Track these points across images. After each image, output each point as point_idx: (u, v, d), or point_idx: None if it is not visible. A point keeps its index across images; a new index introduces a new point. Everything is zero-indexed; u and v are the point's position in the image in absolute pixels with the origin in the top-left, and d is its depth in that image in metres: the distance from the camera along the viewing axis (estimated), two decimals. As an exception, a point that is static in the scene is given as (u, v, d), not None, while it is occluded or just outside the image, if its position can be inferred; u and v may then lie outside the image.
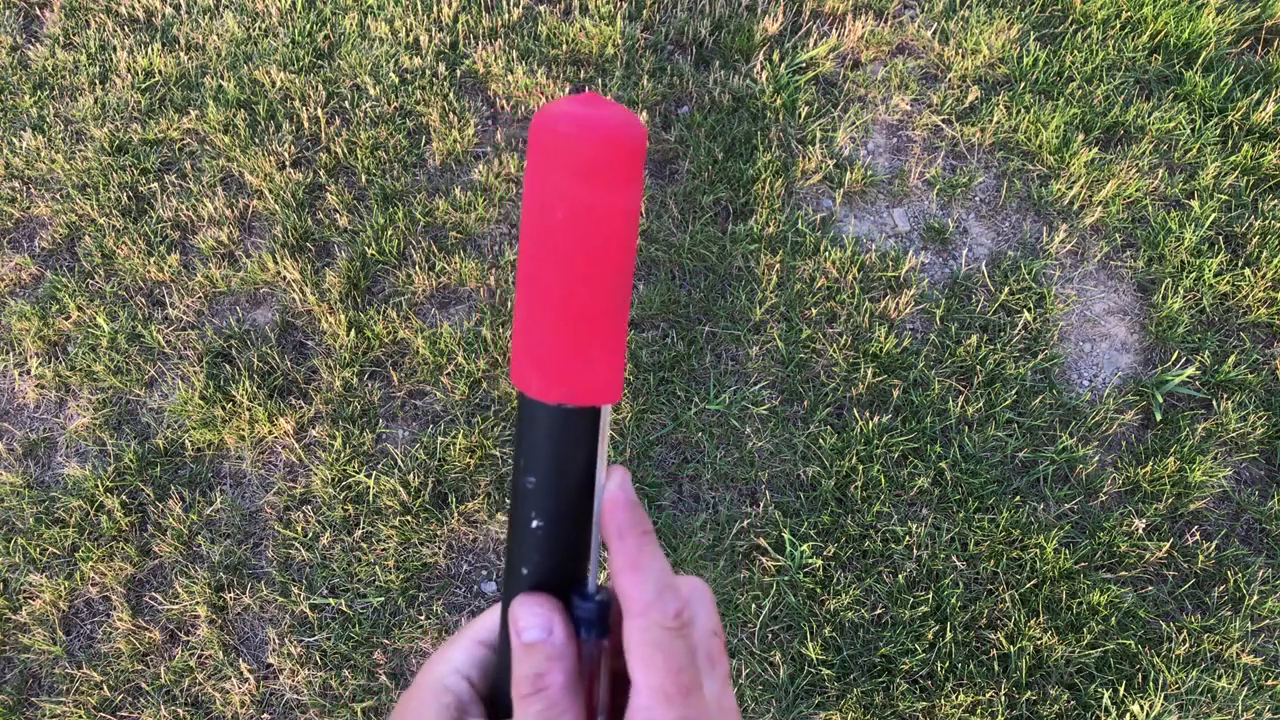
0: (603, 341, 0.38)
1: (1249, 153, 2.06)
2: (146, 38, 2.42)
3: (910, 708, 1.58)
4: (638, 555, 0.38)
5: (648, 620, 0.36)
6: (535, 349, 0.38)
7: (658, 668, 0.36)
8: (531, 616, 0.39)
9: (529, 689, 0.38)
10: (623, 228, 0.36)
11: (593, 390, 0.38)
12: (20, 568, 1.77)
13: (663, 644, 0.36)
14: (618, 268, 0.37)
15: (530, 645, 0.38)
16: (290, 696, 1.63)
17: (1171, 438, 1.78)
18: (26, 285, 2.10)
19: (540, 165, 0.36)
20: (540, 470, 0.40)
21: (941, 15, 2.31)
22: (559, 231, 0.36)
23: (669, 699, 0.36)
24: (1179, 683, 1.59)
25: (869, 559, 1.69)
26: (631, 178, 0.36)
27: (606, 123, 0.35)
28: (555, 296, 0.37)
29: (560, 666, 0.38)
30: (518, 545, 0.41)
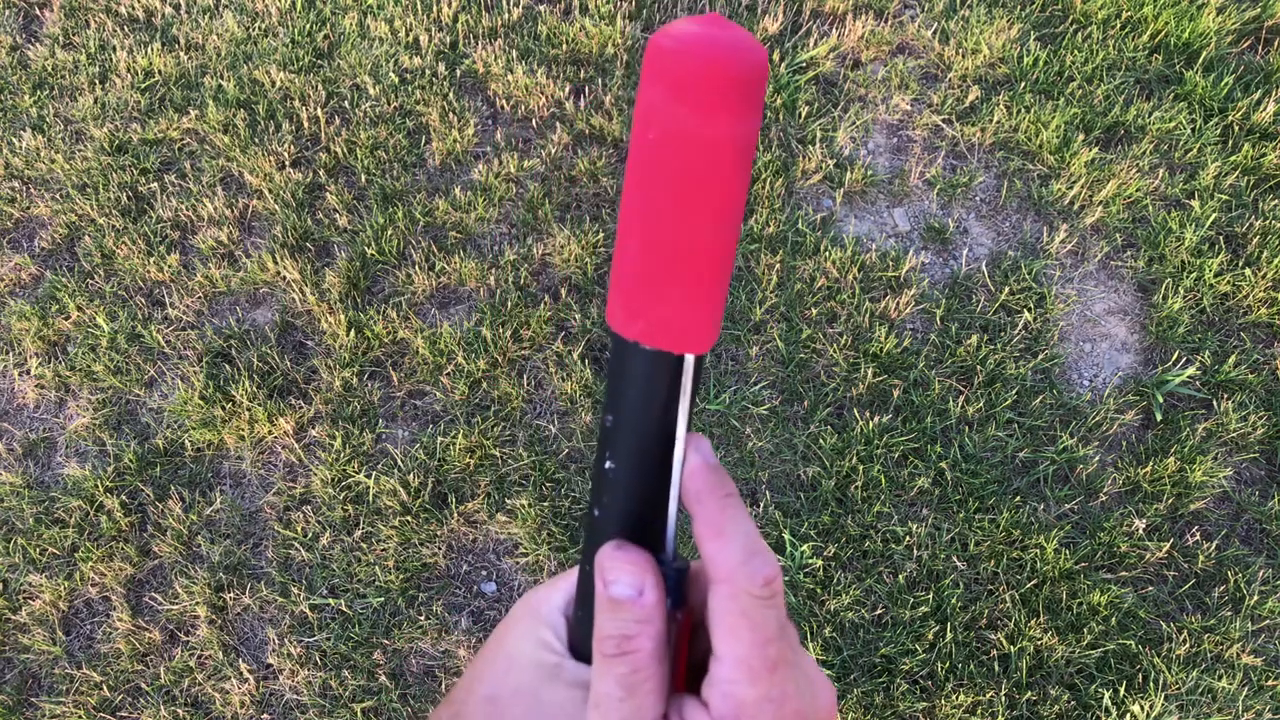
0: (686, 284, 0.35)
1: (1249, 153, 2.06)
2: (146, 37, 2.41)
3: (910, 708, 1.58)
4: (720, 518, 0.35)
5: (735, 587, 0.34)
6: (620, 278, 0.36)
7: (743, 639, 0.33)
8: (622, 571, 0.36)
9: (614, 650, 0.35)
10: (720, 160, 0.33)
11: (674, 334, 0.35)
12: (20, 568, 1.77)
13: (751, 613, 0.34)
14: (711, 204, 0.34)
15: (618, 602, 0.36)
16: (290, 697, 1.63)
17: (1172, 438, 1.78)
18: (26, 285, 2.09)
19: (644, 81, 0.33)
20: (617, 409, 0.37)
21: (942, 15, 2.30)
22: (650, 153, 0.33)
23: (753, 673, 0.33)
24: (1179, 683, 1.59)
25: (869, 559, 1.69)
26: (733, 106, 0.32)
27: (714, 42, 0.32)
28: (639, 224, 0.34)
29: (650, 631, 0.35)
30: (594, 487, 0.39)
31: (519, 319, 1.91)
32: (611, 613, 0.36)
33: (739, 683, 0.34)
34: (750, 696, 0.34)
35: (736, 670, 0.34)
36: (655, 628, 0.36)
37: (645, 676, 0.35)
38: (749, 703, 0.34)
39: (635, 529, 0.39)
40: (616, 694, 0.35)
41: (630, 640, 0.35)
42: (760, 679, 0.34)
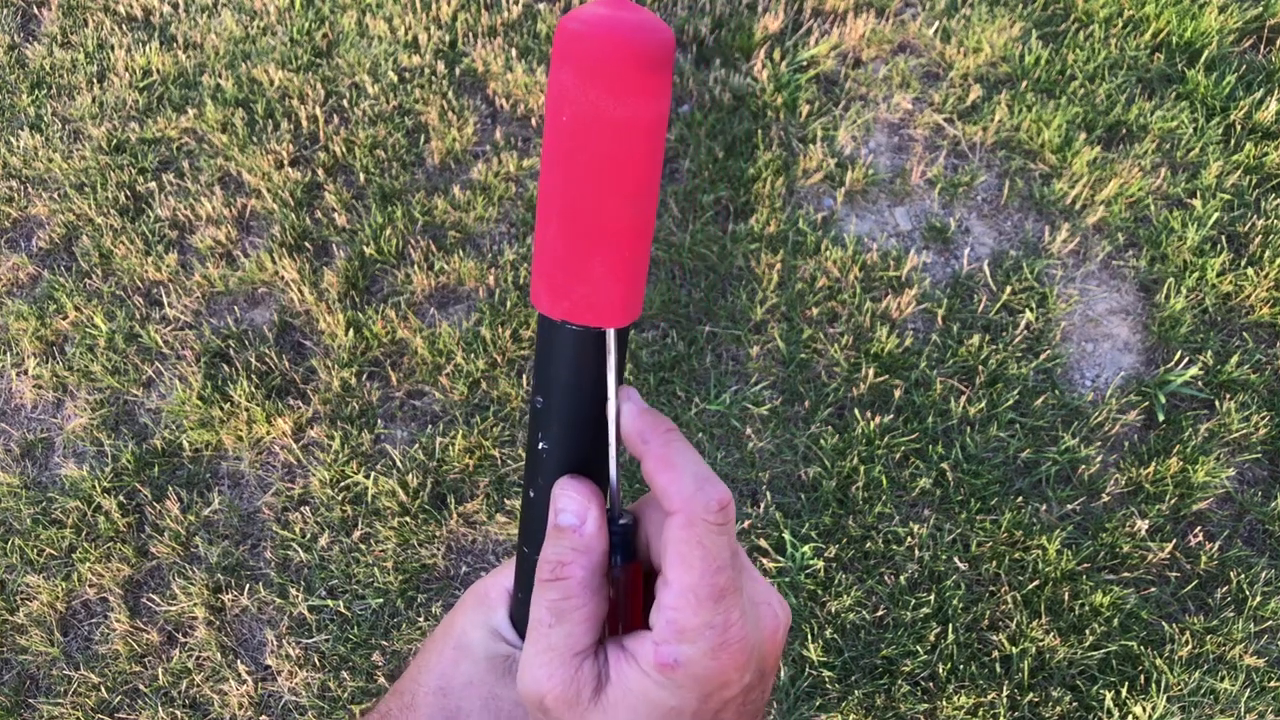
0: (606, 260, 0.35)
1: (1251, 152, 2.05)
2: (144, 36, 2.41)
3: (912, 709, 1.57)
4: (667, 452, 0.36)
5: (689, 515, 0.34)
6: (542, 262, 0.36)
7: (694, 566, 0.34)
8: (569, 500, 0.37)
9: (549, 574, 0.36)
10: (631, 140, 0.33)
11: (596, 311, 0.36)
12: (17, 569, 1.77)
13: (704, 540, 0.34)
14: (625, 183, 0.34)
15: (560, 529, 0.37)
16: (289, 698, 1.63)
17: (1174, 438, 1.77)
18: (24, 285, 2.09)
19: (554, 64, 0.33)
20: (545, 391, 0.38)
21: (943, 13, 2.30)
22: (564, 135, 0.34)
23: (699, 600, 0.34)
24: (1181, 684, 1.58)
25: (870, 560, 1.68)
26: (644, 87, 0.33)
27: (620, 24, 0.32)
28: (558, 206, 0.35)
29: (583, 560, 0.36)
30: (528, 468, 0.40)
31: (518, 319, 1.90)
32: (554, 538, 0.37)
33: (682, 609, 0.34)
34: (692, 623, 0.34)
35: (681, 597, 0.34)
36: (590, 558, 0.36)
37: (576, 605, 0.36)
38: (690, 628, 0.34)
39: None
40: (547, 620, 0.36)
41: (564, 566, 0.36)
42: (704, 606, 0.34)
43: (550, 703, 0.35)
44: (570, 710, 0.35)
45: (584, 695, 0.35)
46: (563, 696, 0.35)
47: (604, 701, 0.35)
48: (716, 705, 0.35)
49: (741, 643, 0.34)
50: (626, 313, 0.37)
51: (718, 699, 0.35)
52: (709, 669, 0.34)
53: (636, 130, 0.33)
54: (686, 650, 0.34)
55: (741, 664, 0.34)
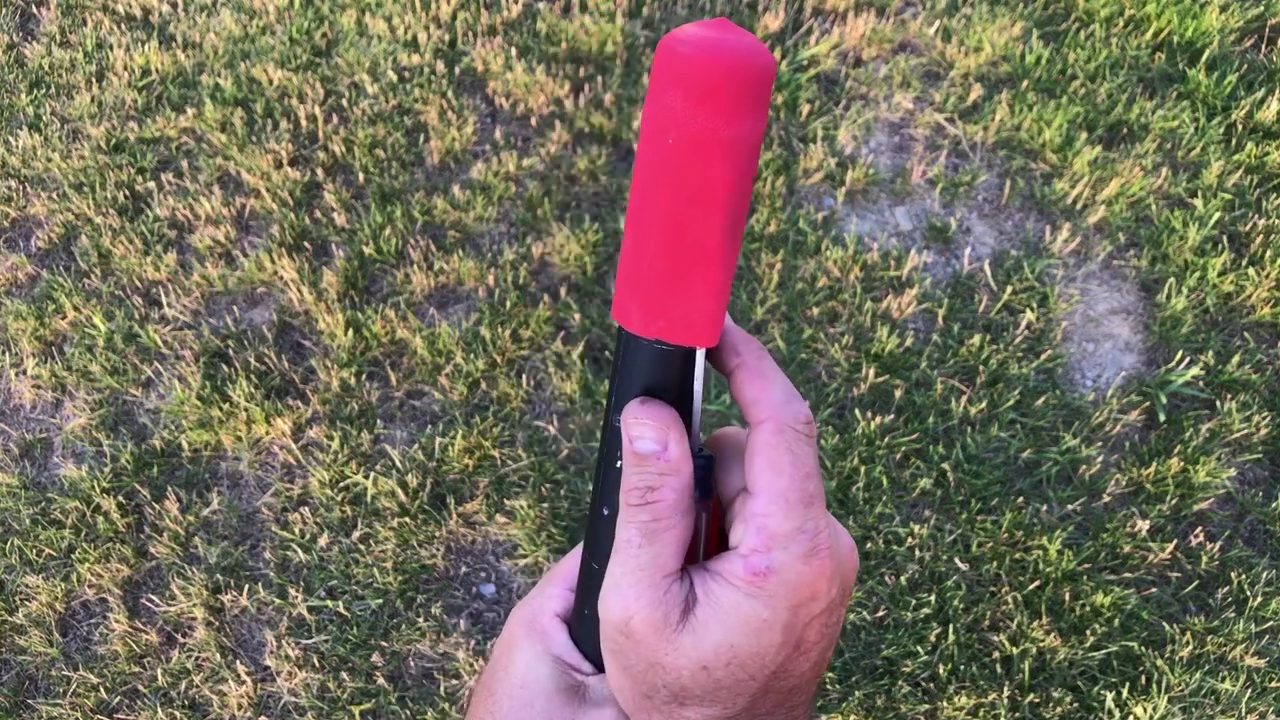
0: (704, 280, 0.36)
1: (1253, 151, 2.05)
2: (143, 35, 2.40)
3: (912, 710, 1.57)
4: (760, 365, 0.36)
5: (778, 423, 0.34)
6: (636, 281, 0.37)
7: (784, 472, 0.34)
8: (646, 427, 0.36)
9: (637, 500, 0.36)
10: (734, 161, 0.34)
11: (690, 330, 0.37)
12: (16, 569, 1.76)
13: (793, 447, 0.34)
14: (726, 203, 0.35)
15: (643, 456, 0.36)
16: (288, 699, 1.62)
17: (1175, 438, 1.77)
18: (22, 285, 2.08)
19: (657, 86, 0.34)
20: None
21: (944, 12, 2.29)
22: (668, 157, 0.34)
23: (790, 505, 0.33)
24: (1182, 685, 1.58)
25: (871, 560, 1.68)
26: (748, 109, 0.33)
27: (728, 48, 0.33)
28: (659, 227, 0.35)
29: (673, 482, 0.36)
30: (603, 487, 0.40)
31: (518, 319, 1.90)
32: (637, 466, 0.36)
33: (773, 515, 0.34)
34: (784, 527, 0.33)
35: (773, 503, 0.34)
36: (679, 480, 0.36)
37: (666, 526, 0.35)
38: (782, 533, 0.33)
39: None
40: (636, 540, 0.35)
41: (654, 491, 0.36)
42: (795, 510, 0.34)
43: (637, 625, 0.35)
44: (658, 634, 0.35)
45: (672, 618, 0.35)
46: (650, 619, 0.35)
47: (692, 622, 0.34)
48: (805, 618, 0.34)
49: (830, 551, 0.34)
50: (717, 331, 0.37)
51: (806, 611, 0.34)
52: (801, 575, 0.34)
53: (743, 152, 0.34)
54: (779, 556, 0.33)
55: (829, 574, 0.34)
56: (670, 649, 0.34)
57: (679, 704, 0.35)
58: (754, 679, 0.34)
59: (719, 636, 0.34)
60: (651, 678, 0.35)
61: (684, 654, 0.34)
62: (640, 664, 0.35)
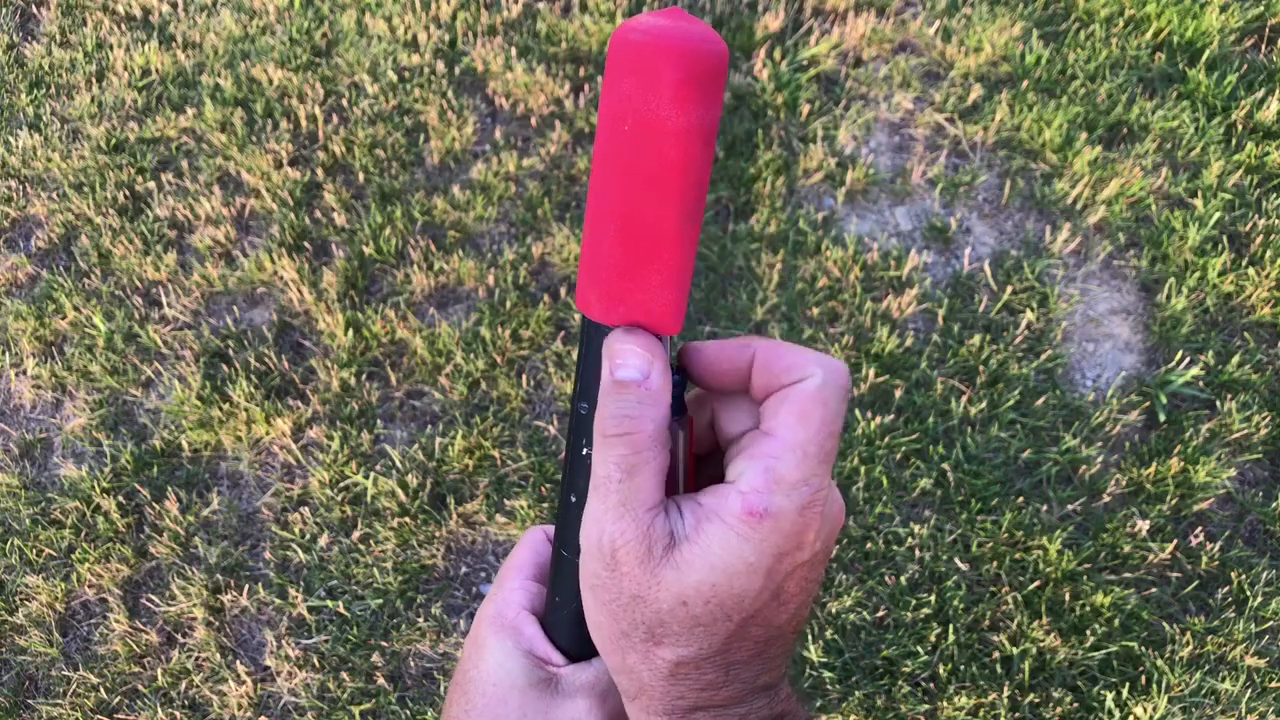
0: (663, 267, 0.36)
1: (1253, 151, 2.05)
2: (143, 35, 2.40)
3: (912, 710, 1.57)
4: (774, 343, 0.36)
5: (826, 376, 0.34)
6: (596, 269, 0.37)
7: (812, 424, 0.33)
8: (629, 354, 0.36)
9: (615, 429, 0.35)
10: (689, 147, 0.34)
11: (652, 316, 0.36)
12: (16, 569, 1.76)
13: (829, 402, 0.33)
14: (682, 189, 0.35)
15: (624, 384, 0.35)
16: (288, 699, 1.62)
17: (1175, 438, 1.77)
18: (23, 285, 2.08)
19: (613, 75, 0.34)
20: (591, 397, 0.38)
21: (944, 12, 2.29)
22: (624, 145, 0.34)
23: (806, 457, 0.33)
24: (1182, 685, 1.58)
25: (871, 561, 1.68)
26: (702, 96, 0.33)
27: (681, 36, 0.33)
28: (617, 215, 0.35)
29: (652, 414, 0.35)
30: (570, 474, 0.40)
31: (518, 319, 1.90)
32: (616, 394, 0.36)
33: (787, 461, 0.33)
34: (793, 476, 0.33)
35: (790, 451, 0.33)
36: (658, 411, 0.35)
37: (646, 459, 0.35)
38: (789, 481, 0.33)
39: None
40: (615, 475, 0.35)
41: (632, 420, 0.35)
42: (810, 463, 0.33)
43: (622, 554, 0.34)
44: (642, 565, 0.34)
45: (656, 550, 0.34)
46: (635, 549, 0.34)
47: (676, 556, 0.34)
48: (789, 566, 0.34)
49: (824, 507, 0.34)
50: (678, 319, 0.37)
51: (790, 560, 0.34)
52: (794, 524, 0.33)
53: (697, 138, 0.34)
54: (779, 501, 0.33)
55: (818, 528, 0.34)
56: (652, 581, 0.34)
57: (654, 642, 0.35)
58: (730, 619, 0.34)
59: (702, 573, 0.34)
60: (631, 613, 0.35)
61: (665, 587, 0.34)
62: (621, 598, 0.35)
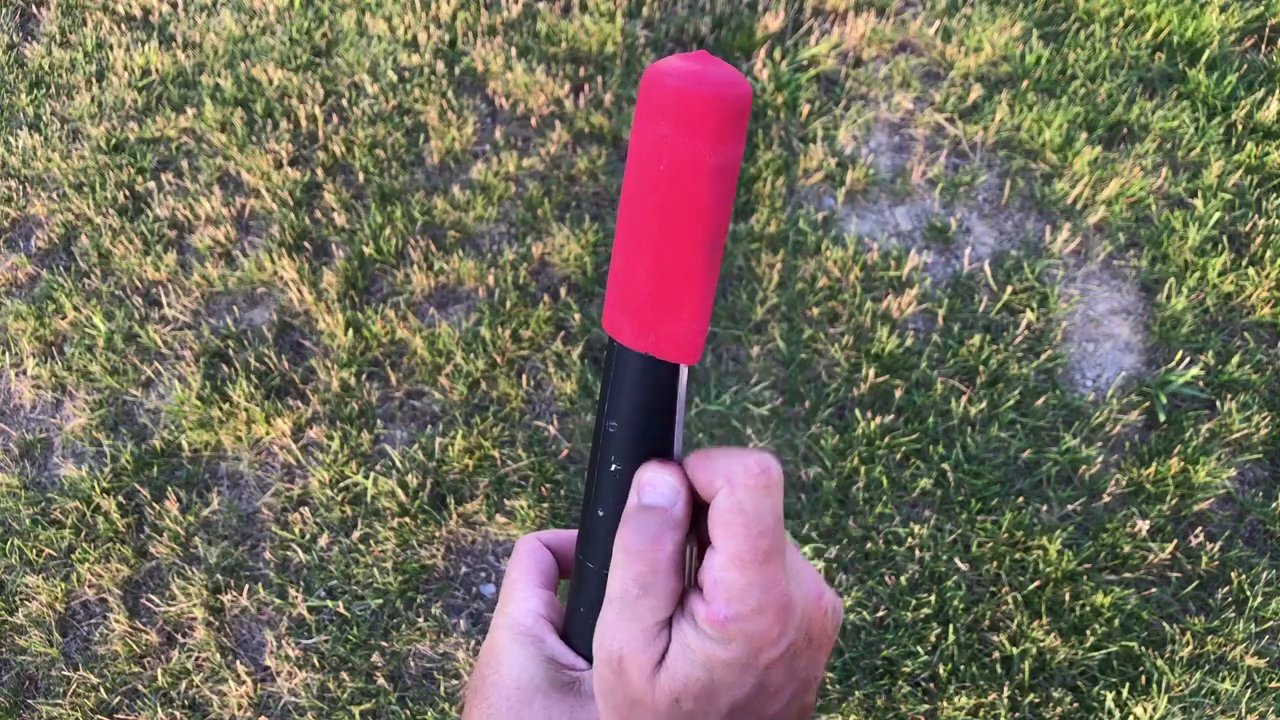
0: (692, 299, 0.39)
1: (1253, 151, 2.05)
2: (143, 36, 2.40)
3: (912, 710, 1.57)
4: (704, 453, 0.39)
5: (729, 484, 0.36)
6: (629, 298, 0.40)
7: (736, 534, 0.36)
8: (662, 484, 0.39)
9: (637, 547, 0.38)
10: (720, 185, 0.37)
11: (679, 345, 0.40)
12: (16, 569, 1.76)
13: (745, 504, 0.36)
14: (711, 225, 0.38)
15: (650, 508, 0.39)
16: (288, 699, 1.62)
17: (1175, 438, 1.77)
18: (22, 285, 2.08)
19: (647, 117, 0.37)
20: (624, 416, 0.41)
21: (944, 13, 2.29)
22: (660, 184, 0.37)
23: (744, 564, 0.36)
24: (1182, 685, 1.58)
25: (871, 560, 1.68)
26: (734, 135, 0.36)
27: (714, 80, 0.36)
28: (651, 248, 0.38)
29: (673, 537, 0.38)
30: (597, 488, 0.43)
31: (518, 319, 1.90)
32: (643, 516, 0.39)
33: (728, 571, 0.36)
34: (738, 584, 0.36)
35: (729, 561, 0.36)
36: (678, 535, 0.39)
37: (662, 578, 0.38)
38: (736, 589, 0.36)
39: None
40: (633, 591, 0.38)
41: (655, 543, 0.38)
42: (750, 569, 0.36)
43: (629, 663, 0.38)
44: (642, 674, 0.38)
45: (656, 659, 0.38)
46: (639, 659, 0.38)
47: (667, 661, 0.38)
48: (766, 661, 0.37)
49: (782, 604, 0.37)
50: (699, 346, 0.40)
51: (767, 655, 0.37)
52: (756, 624, 0.36)
53: (727, 177, 0.37)
54: (734, 607, 0.36)
55: (784, 622, 0.37)
56: (650, 687, 0.38)
57: None
58: (720, 711, 0.38)
59: (689, 669, 0.37)
60: (633, 715, 0.39)
61: (661, 689, 0.38)
62: (625, 702, 0.39)
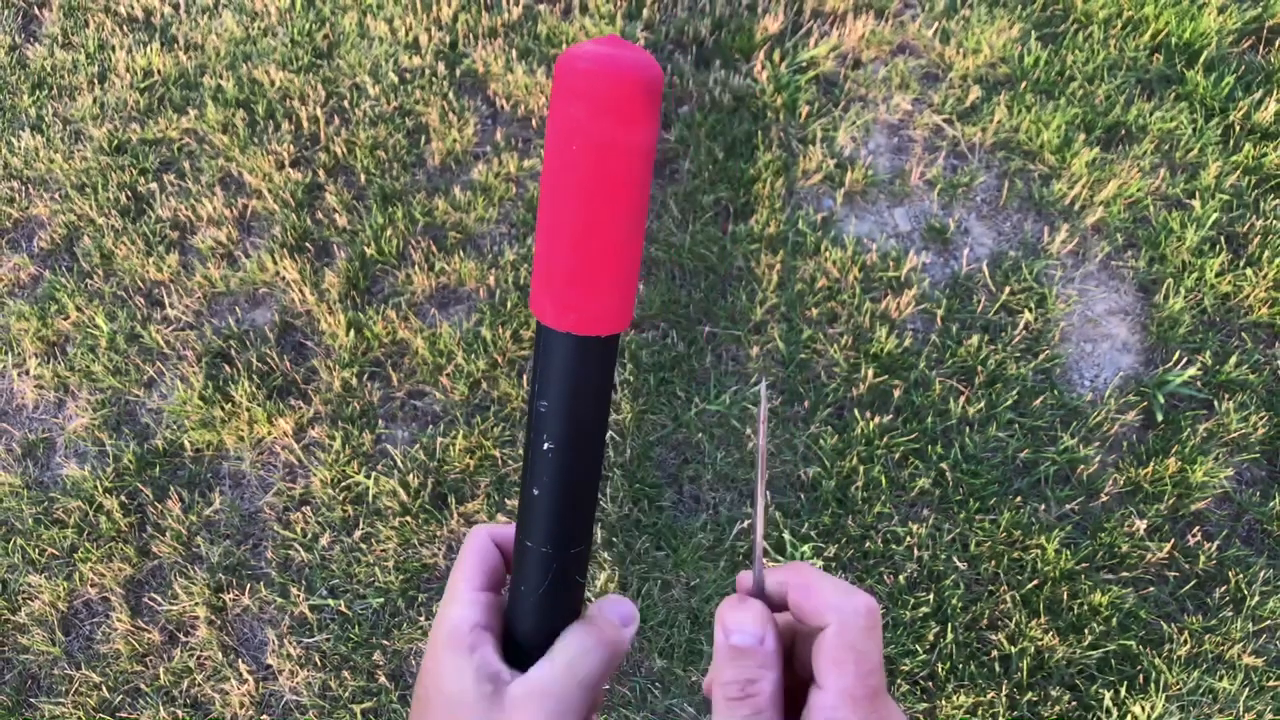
0: (613, 273, 0.39)
1: (1250, 152, 2.06)
2: (145, 37, 2.41)
3: (911, 709, 1.57)
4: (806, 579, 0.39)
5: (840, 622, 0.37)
6: (549, 278, 0.40)
7: (848, 670, 0.36)
8: (745, 622, 0.39)
9: (738, 693, 0.38)
10: (635, 163, 0.37)
11: (602, 320, 0.40)
12: (19, 568, 1.77)
13: (856, 644, 0.36)
14: (629, 202, 0.38)
15: (742, 650, 0.39)
16: (290, 698, 1.63)
17: (1173, 438, 1.78)
18: (25, 285, 2.09)
19: (561, 100, 0.37)
20: (552, 395, 0.41)
21: (942, 14, 2.30)
22: (574, 164, 0.37)
23: (856, 701, 0.36)
24: (1180, 683, 1.58)
25: (870, 560, 1.69)
26: (645, 115, 0.37)
27: (623, 61, 0.36)
28: (569, 228, 0.39)
29: (770, 675, 0.38)
30: (530, 468, 0.43)
31: (519, 319, 1.91)
32: (734, 659, 0.39)
33: (841, 709, 0.36)
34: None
35: (840, 698, 0.36)
36: (775, 673, 0.39)
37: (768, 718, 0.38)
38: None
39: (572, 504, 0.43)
40: None
41: (754, 684, 0.38)
42: (861, 706, 0.36)
43: None
44: None
45: None
46: None
47: None
48: None
49: None
50: (625, 318, 0.41)
51: None
52: None
53: (640, 154, 0.38)
54: None
55: None
56: None
57: None
58: None
59: None
60: None
61: None
62: None
